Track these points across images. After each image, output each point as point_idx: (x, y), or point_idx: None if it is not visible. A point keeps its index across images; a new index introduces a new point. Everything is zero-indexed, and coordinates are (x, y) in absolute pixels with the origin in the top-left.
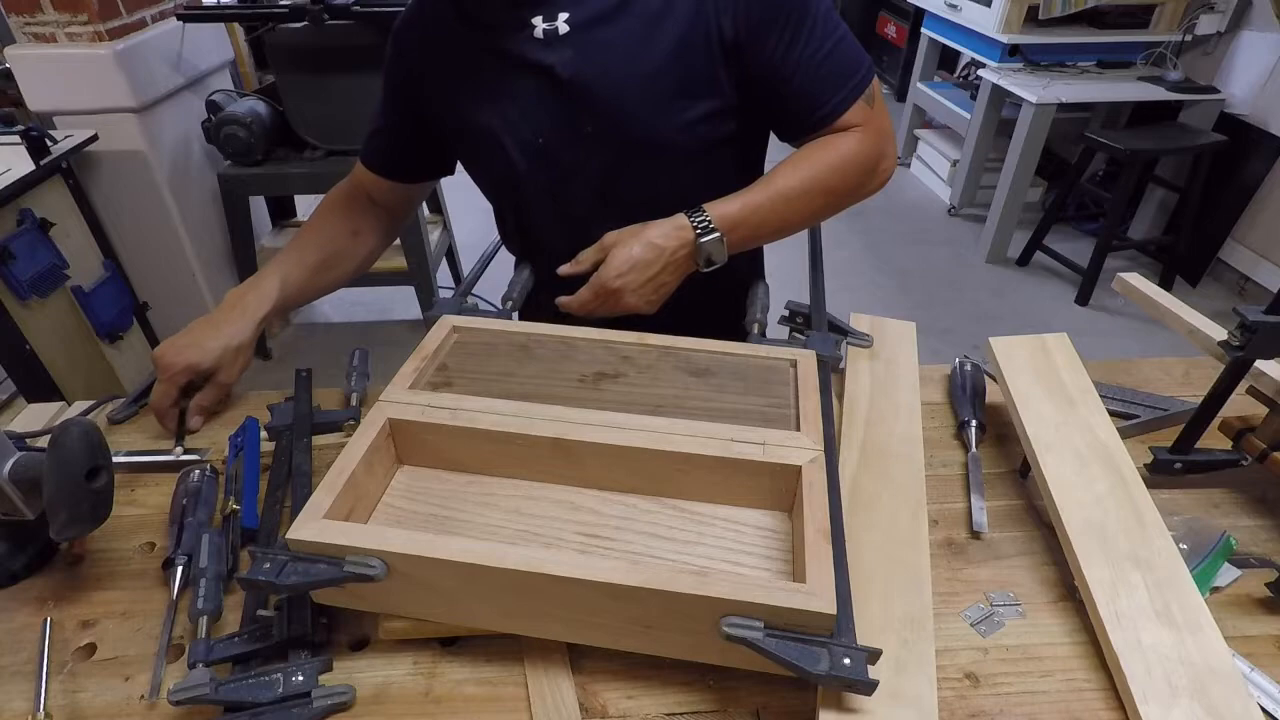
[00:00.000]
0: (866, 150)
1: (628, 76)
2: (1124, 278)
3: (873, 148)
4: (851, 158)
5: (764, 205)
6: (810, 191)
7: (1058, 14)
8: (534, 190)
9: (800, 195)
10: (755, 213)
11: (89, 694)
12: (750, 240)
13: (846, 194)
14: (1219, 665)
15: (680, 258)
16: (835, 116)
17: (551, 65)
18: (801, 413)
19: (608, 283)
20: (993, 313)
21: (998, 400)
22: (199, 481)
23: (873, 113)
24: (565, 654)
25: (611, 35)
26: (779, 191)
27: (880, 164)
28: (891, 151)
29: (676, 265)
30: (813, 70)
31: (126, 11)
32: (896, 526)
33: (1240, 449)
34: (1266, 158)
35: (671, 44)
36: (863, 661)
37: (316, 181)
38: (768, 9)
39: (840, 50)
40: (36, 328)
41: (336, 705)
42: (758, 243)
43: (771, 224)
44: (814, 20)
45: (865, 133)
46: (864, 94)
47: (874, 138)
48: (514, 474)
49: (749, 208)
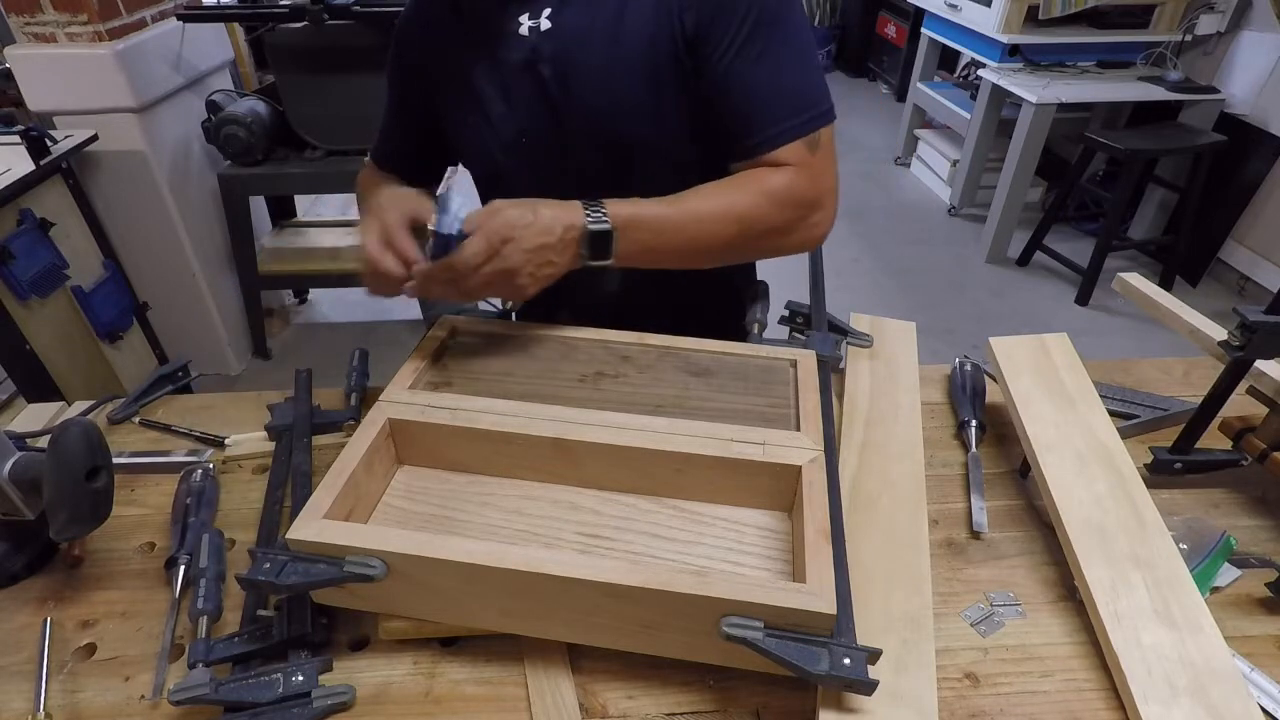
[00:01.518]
0: (795, 193)
1: (601, 70)
2: (1124, 278)
3: (804, 192)
4: (775, 194)
5: (668, 216)
6: (721, 217)
7: (1058, 14)
8: (517, 188)
9: (709, 218)
10: (655, 220)
11: (89, 694)
12: (647, 249)
13: (765, 232)
14: (1219, 665)
15: (570, 239)
16: (767, 148)
17: (535, 62)
18: (801, 413)
19: (507, 234)
20: (993, 313)
21: (998, 400)
22: (201, 481)
23: (813, 159)
24: (565, 654)
25: (587, 31)
26: (687, 208)
27: (811, 214)
28: (829, 206)
29: (565, 246)
30: (756, 90)
31: (126, 11)
32: (896, 526)
33: (1240, 449)
34: (1266, 158)
35: (640, 38)
36: (863, 661)
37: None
38: (724, 2)
39: (796, 81)
40: (36, 328)
41: (336, 705)
42: (658, 256)
43: (672, 238)
44: (775, 34)
45: (798, 175)
46: (807, 136)
47: (808, 184)
48: (514, 474)
49: (650, 213)
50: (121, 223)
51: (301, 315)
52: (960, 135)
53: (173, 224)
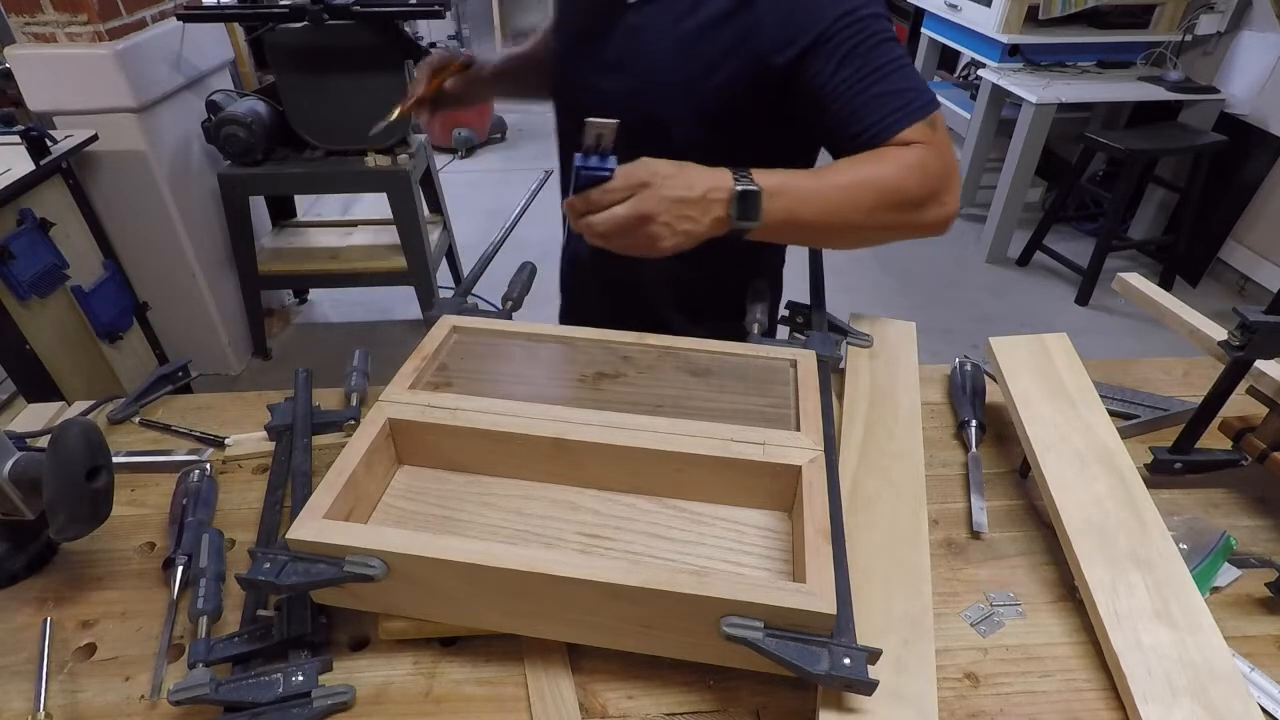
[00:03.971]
0: (930, 166)
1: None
2: (1124, 278)
3: (937, 166)
4: (912, 165)
5: (809, 184)
6: (861, 185)
7: (1058, 14)
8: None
9: (849, 186)
10: (799, 187)
11: (89, 694)
12: (791, 216)
13: (902, 204)
14: (1219, 665)
15: (714, 200)
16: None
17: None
18: (801, 413)
19: (647, 179)
20: (993, 313)
21: (998, 400)
22: (199, 481)
23: (937, 137)
24: (565, 654)
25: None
26: (827, 177)
27: (943, 190)
28: (957, 187)
29: (708, 206)
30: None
31: (126, 11)
32: (896, 526)
33: (1240, 449)
34: (1266, 158)
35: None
36: (863, 661)
37: (316, 181)
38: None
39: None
40: (36, 328)
41: (336, 705)
42: (800, 226)
43: (815, 204)
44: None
45: (928, 150)
46: (926, 118)
47: (938, 159)
48: (514, 474)
49: (794, 181)
50: (121, 223)
51: (301, 315)
52: (960, 135)
53: (173, 224)
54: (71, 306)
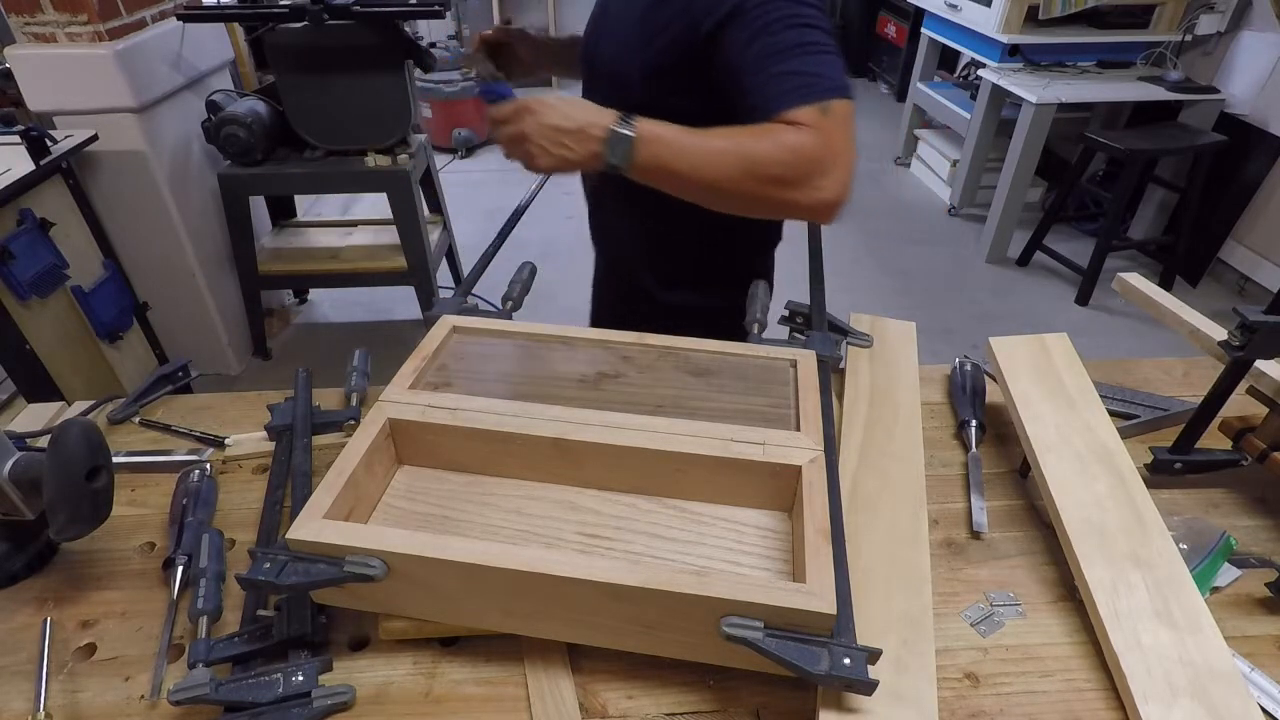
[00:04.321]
0: (805, 148)
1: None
2: (1124, 278)
3: (814, 150)
4: (786, 143)
5: (685, 140)
6: (733, 152)
7: (1058, 14)
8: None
9: (721, 150)
10: (675, 140)
11: (89, 694)
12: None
13: (771, 179)
14: (1219, 665)
15: (590, 135)
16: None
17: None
18: (801, 413)
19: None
20: (993, 313)
21: (998, 400)
22: (199, 481)
23: (826, 123)
24: (565, 654)
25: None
26: (705, 138)
27: (819, 175)
28: (839, 174)
29: (583, 139)
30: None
31: (126, 11)
32: (896, 526)
33: (1240, 449)
34: (1266, 158)
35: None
36: (863, 661)
37: (316, 181)
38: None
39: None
40: (36, 328)
41: (336, 705)
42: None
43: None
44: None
45: (810, 134)
46: (819, 102)
47: (818, 143)
48: (514, 474)
49: (672, 134)
50: (121, 223)
51: (301, 315)
52: (960, 135)
53: (173, 224)
54: (71, 306)
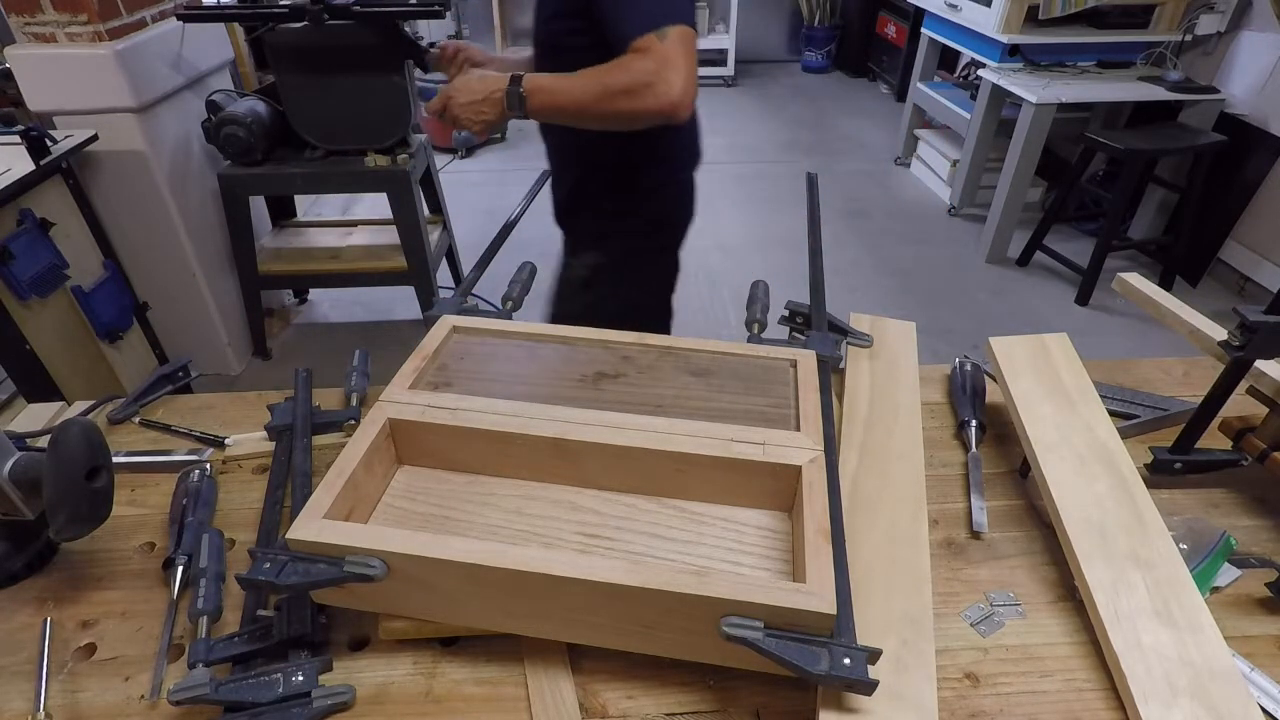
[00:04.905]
0: (637, 66)
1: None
2: (1124, 278)
3: (645, 66)
4: (624, 64)
5: (561, 84)
6: (590, 81)
7: (1058, 14)
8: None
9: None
10: (551, 84)
11: (89, 694)
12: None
13: (617, 93)
14: (1219, 665)
15: (495, 98)
16: (625, 39)
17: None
18: (801, 413)
19: (451, 93)
20: (993, 313)
21: (998, 400)
22: (199, 481)
23: (660, 46)
24: (565, 654)
25: None
26: (573, 79)
27: (652, 84)
28: (672, 79)
29: (493, 102)
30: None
31: (126, 11)
32: (896, 526)
33: (1240, 449)
34: (1266, 158)
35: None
36: (863, 661)
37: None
38: None
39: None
40: (36, 328)
41: (336, 705)
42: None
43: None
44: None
45: (644, 55)
46: (654, 30)
47: (651, 62)
48: (514, 474)
49: (548, 80)
50: (121, 223)
51: (301, 315)
52: (960, 135)
53: (173, 224)
54: (71, 306)
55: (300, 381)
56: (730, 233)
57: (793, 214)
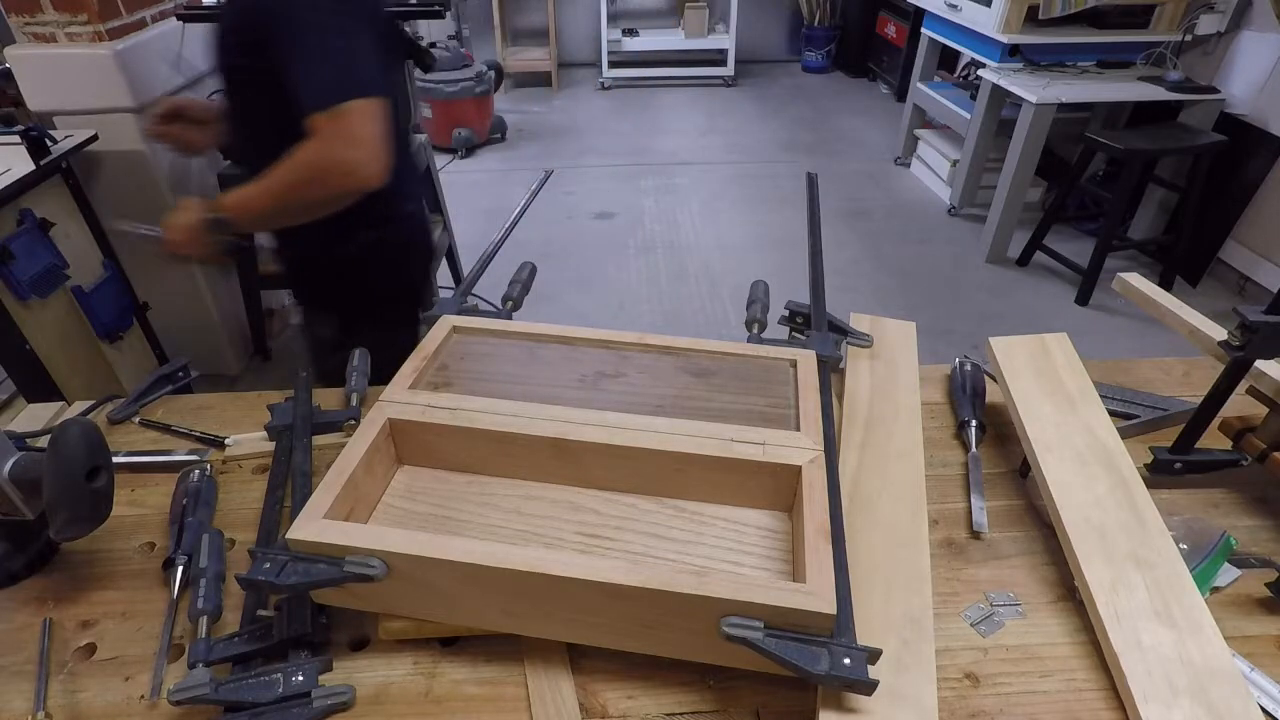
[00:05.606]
0: (311, 157)
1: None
2: (1124, 278)
3: (318, 155)
4: (298, 160)
5: (251, 192)
6: (275, 184)
7: (1058, 14)
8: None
9: (270, 189)
10: (245, 197)
11: (89, 694)
12: (252, 221)
13: (305, 187)
14: (1219, 665)
15: (200, 229)
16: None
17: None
18: (801, 413)
19: (162, 234)
20: (993, 313)
21: (998, 400)
22: (199, 481)
23: (333, 126)
24: (565, 654)
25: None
26: (261, 184)
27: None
28: (350, 158)
29: (199, 234)
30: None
31: (126, 11)
32: (896, 526)
33: (1240, 449)
34: (1266, 158)
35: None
36: (863, 661)
37: None
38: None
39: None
40: (36, 328)
41: (336, 705)
42: (261, 222)
43: (258, 206)
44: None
45: (317, 142)
46: (326, 110)
47: (324, 148)
48: (514, 474)
49: (243, 196)
50: None
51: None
52: (960, 135)
53: None
54: (71, 306)
55: (300, 382)
56: (730, 233)
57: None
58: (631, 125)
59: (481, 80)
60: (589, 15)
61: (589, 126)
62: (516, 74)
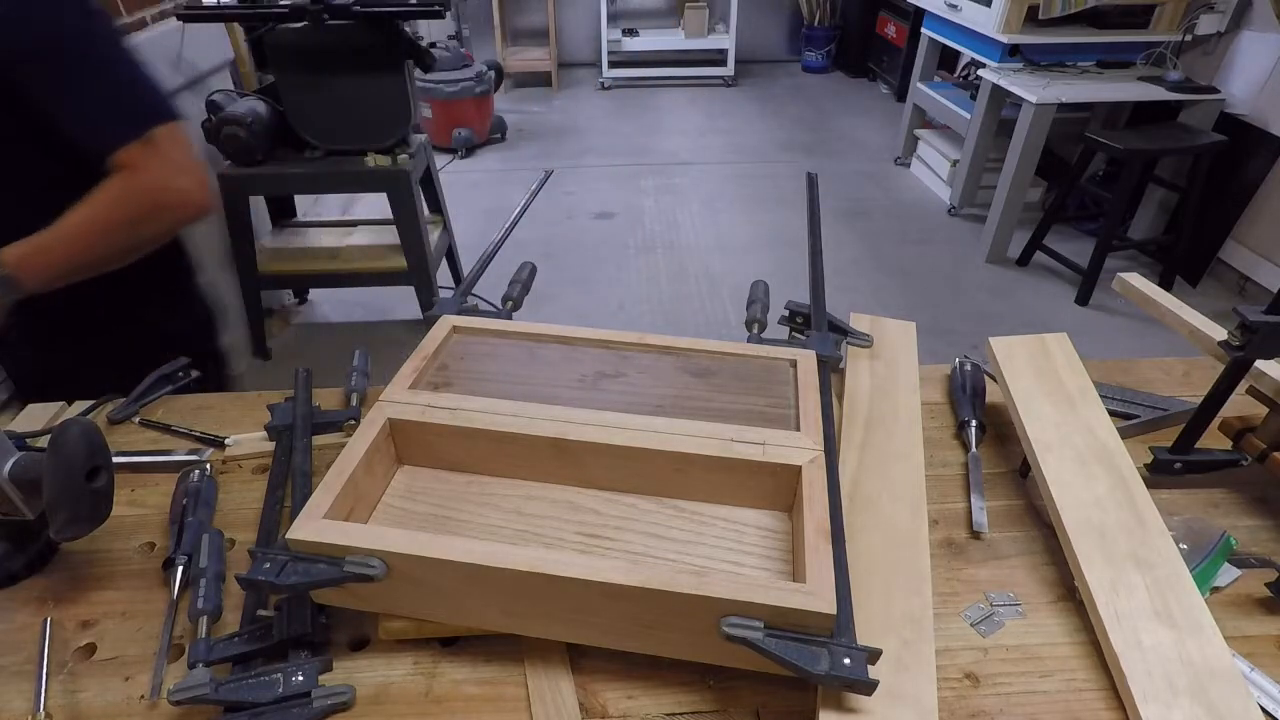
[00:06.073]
0: (126, 193)
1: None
2: (1124, 278)
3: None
4: (111, 198)
5: (49, 241)
6: (83, 227)
7: (1058, 14)
8: None
9: (75, 235)
10: (41, 247)
11: (89, 694)
12: (50, 275)
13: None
14: (1219, 665)
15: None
16: (105, 156)
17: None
18: (801, 413)
19: None
20: (993, 313)
21: (998, 400)
22: (199, 481)
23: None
24: (565, 654)
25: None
26: (62, 228)
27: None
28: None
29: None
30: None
31: (126, 11)
32: (896, 526)
33: (1240, 449)
34: (1266, 158)
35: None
36: (863, 661)
37: (316, 181)
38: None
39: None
40: None
41: (336, 705)
42: (61, 276)
43: (60, 256)
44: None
45: (130, 175)
46: (136, 139)
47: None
48: (514, 474)
49: (34, 247)
50: None
51: (301, 315)
52: (960, 135)
53: None
54: None
55: (300, 381)
56: (730, 233)
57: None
58: (631, 125)
59: (481, 80)
60: (589, 15)
61: (589, 126)
62: (516, 74)
